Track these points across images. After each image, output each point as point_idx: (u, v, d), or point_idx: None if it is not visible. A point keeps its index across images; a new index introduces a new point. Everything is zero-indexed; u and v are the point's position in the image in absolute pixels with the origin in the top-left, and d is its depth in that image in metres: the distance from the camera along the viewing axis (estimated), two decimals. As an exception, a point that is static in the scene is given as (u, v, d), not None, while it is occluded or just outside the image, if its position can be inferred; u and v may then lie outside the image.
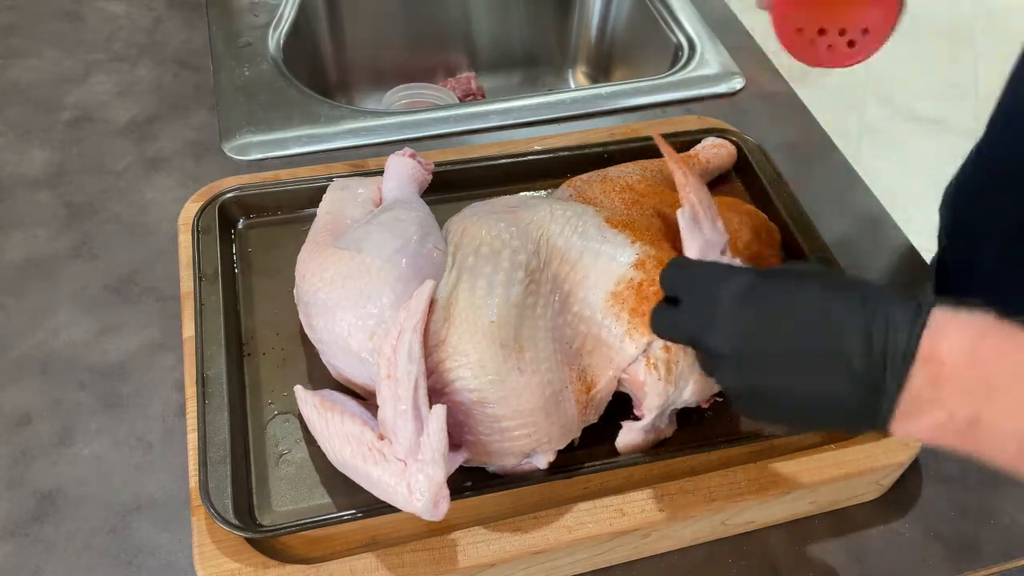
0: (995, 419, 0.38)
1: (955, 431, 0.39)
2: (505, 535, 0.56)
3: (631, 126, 0.87)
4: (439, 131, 0.88)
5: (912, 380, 0.40)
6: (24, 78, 0.93)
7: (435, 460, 0.49)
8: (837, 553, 0.61)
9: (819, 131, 0.93)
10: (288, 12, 1.02)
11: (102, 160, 0.84)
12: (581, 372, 0.58)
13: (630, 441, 0.58)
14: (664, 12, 1.06)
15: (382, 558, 0.54)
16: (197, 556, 0.54)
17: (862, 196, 0.86)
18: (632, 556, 0.60)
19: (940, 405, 0.39)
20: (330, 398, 0.56)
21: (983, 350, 0.39)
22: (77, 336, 0.70)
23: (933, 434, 0.40)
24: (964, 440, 0.39)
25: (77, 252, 0.76)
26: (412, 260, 0.58)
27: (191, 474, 0.58)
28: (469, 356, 0.54)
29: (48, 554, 0.58)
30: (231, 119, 0.88)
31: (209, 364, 0.62)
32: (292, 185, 0.75)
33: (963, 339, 0.39)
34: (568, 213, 0.62)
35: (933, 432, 0.40)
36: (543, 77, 1.27)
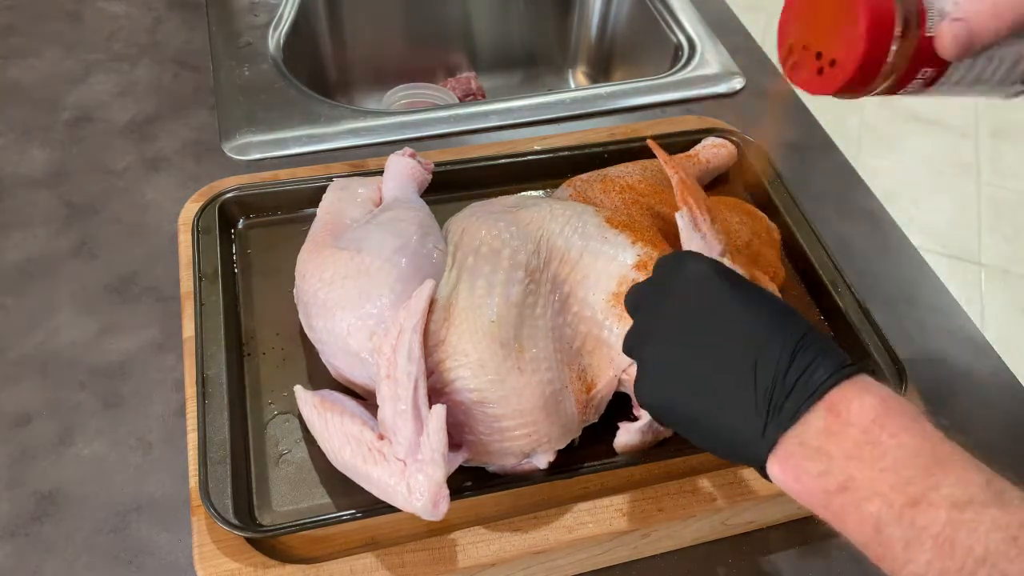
0: (863, 494, 0.36)
1: (824, 491, 0.38)
2: (505, 535, 0.56)
3: (631, 126, 0.87)
4: (439, 131, 0.88)
5: (808, 421, 0.38)
6: (24, 78, 0.93)
7: (435, 460, 0.49)
8: (837, 553, 0.61)
9: (819, 131, 0.93)
10: (288, 12, 1.02)
11: (102, 160, 0.84)
12: (581, 372, 0.58)
13: (628, 442, 0.58)
14: (664, 12, 1.06)
15: (382, 558, 0.54)
16: (197, 556, 0.55)
17: (862, 196, 0.86)
18: (632, 556, 0.60)
19: (822, 458, 0.37)
20: (330, 398, 0.56)
21: (886, 424, 0.37)
22: (77, 336, 0.70)
23: (804, 486, 0.38)
24: (829, 504, 0.38)
25: (77, 252, 0.76)
26: (412, 260, 0.58)
27: (191, 474, 0.58)
28: (469, 356, 0.54)
29: (48, 554, 0.58)
30: (231, 119, 0.88)
31: (209, 364, 0.62)
32: (292, 185, 0.75)
33: (873, 407, 0.37)
34: (568, 213, 0.62)
35: (804, 484, 0.38)
36: (543, 77, 1.27)
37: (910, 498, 0.35)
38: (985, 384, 0.71)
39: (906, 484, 0.35)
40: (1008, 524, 0.33)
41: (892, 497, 0.35)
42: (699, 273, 0.44)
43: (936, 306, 0.77)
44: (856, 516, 0.37)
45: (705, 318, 0.43)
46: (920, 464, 0.36)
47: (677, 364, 0.43)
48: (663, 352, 0.44)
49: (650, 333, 0.45)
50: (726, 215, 0.71)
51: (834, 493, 0.37)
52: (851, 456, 0.37)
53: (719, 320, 0.42)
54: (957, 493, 0.34)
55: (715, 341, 0.42)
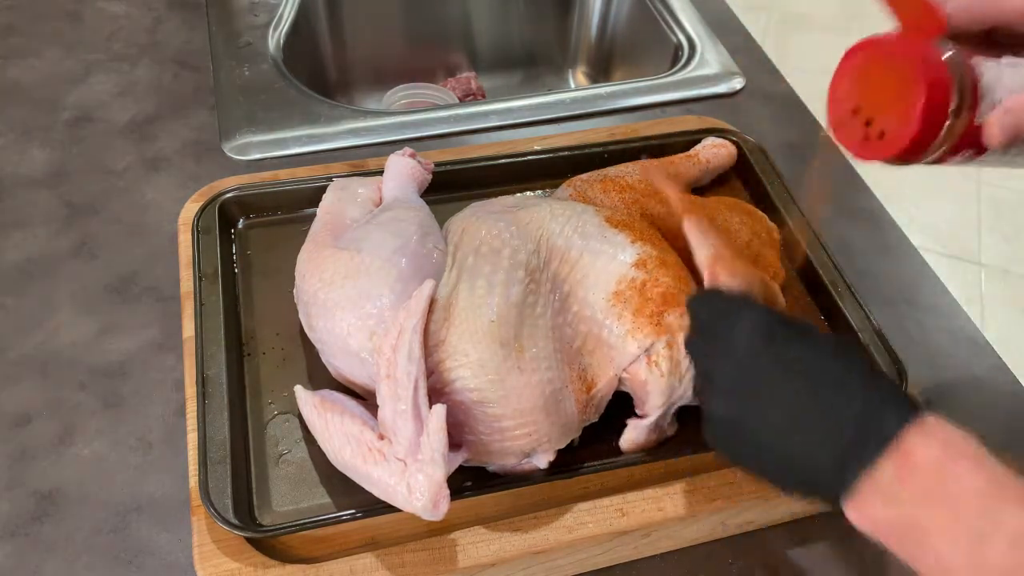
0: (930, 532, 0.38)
1: (899, 532, 0.40)
2: (505, 535, 0.56)
3: (631, 126, 0.87)
4: (439, 131, 0.88)
5: (881, 467, 0.40)
6: (24, 78, 0.93)
7: (435, 460, 0.49)
8: (837, 553, 0.61)
9: (819, 131, 0.93)
10: (288, 12, 1.02)
11: (102, 160, 0.84)
12: (581, 371, 0.58)
13: (635, 439, 0.58)
14: (664, 12, 1.06)
15: (382, 558, 0.54)
16: (197, 556, 0.55)
17: (862, 196, 0.86)
18: (632, 556, 0.60)
19: (895, 502, 0.40)
20: (330, 398, 0.56)
21: (950, 467, 0.39)
22: (77, 336, 0.70)
23: (879, 527, 0.41)
24: (903, 544, 0.40)
25: (77, 252, 0.76)
26: (412, 260, 0.58)
27: (191, 474, 0.58)
28: (469, 356, 0.54)
29: (48, 554, 0.58)
30: (231, 119, 0.88)
31: (209, 364, 0.62)
32: (292, 185, 0.75)
33: (939, 449, 0.39)
34: (568, 212, 0.62)
35: (880, 525, 0.41)
36: (543, 77, 1.27)
37: (974, 535, 0.37)
38: (985, 384, 0.71)
39: (970, 521, 0.37)
40: None
41: (958, 536, 0.37)
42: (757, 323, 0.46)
43: (936, 306, 0.77)
44: (925, 553, 0.39)
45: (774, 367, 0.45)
46: (983, 505, 0.38)
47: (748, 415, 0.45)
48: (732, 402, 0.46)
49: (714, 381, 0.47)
50: (726, 215, 0.71)
51: (904, 532, 0.40)
52: (919, 500, 0.39)
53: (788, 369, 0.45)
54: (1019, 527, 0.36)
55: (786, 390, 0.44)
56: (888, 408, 0.41)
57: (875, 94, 0.47)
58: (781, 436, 0.44)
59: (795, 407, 0.44)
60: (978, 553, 0.37)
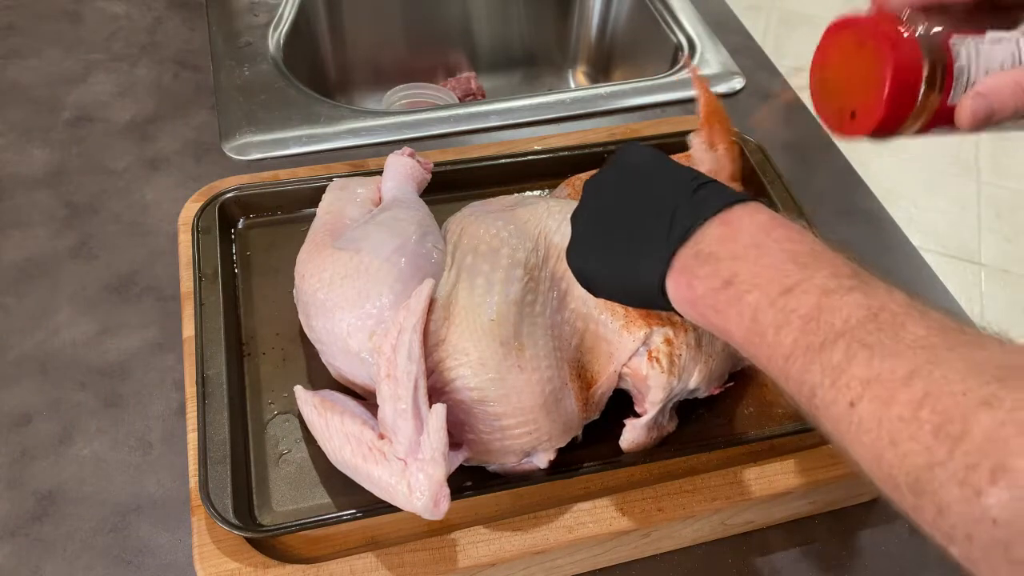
0: (744, 288, 0.39)
1: (711, 290, 0.40)
2: (505, 535, 0.56)
3: (631, 126, 0.87)
4: (439, 131, 0.88)
5: (702, 233, 0.41)
6: (24, 78, 0.93)
7: (435, 459, 0.49)
8: (837, 553, 0.61)
9: (819, 131, 0.93)
10: (288, 12, 1.02)
11: (102, 160, 0.84)
12: (581, 369, 0.58)
13: (634, 439, 0.58)
14: (664, 12, 1.06)
15: (382, 558, 0.54)
16: (197, 556, 0.54)
17: (862, 196, 0.86)
18: (632, 556, 0.60)
19: (712, 261, 0.40)
20: (330, 398, 0.56)
21: (772, 232, 0.40)
22: (77, 336, 0.70)
23: (694, 292, 0.41)
24: (715, 303, 0.40)
25: (77, 252, 0.76)
26: (411, 259, 0.58)
27: (191, 474, 0.58)
28: (469, 355, 0.54)
29: (48, 554, 0.58)
30: (231, 119, 0.88)
31: (209, 364, 0.62)
32: (292, 185, 0.75)
33: (763, 220, 0.40)
34: (566, 210, 0.62)
35: (695, 290, 0.41)
36: (543, 77, 1.27)
37: (785, 287, 0.37)
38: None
39: (784, 277, 0.38)
40: (869, 305, 0.35)
41: (769, 288, 0.38)
42: (630, 152, 0.49)
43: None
44: (737, 308, 0.39)
45: (624, 183, 0.47)
46: (799, 262, 0.38)
47: (596, 228, 0.48)
48: (588, 220, 0.49)
49: (583, 207, 0.50)
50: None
51: (719, 290, 0.40)
52: (737, 257, 0.40)
53: (634, 182, 0.47)
54: (828, 282, 0.37)
55: (628, 198, 0.46)
56: (716, 194, 0.42)
57: (849, 74, 0.47)
58: (617, 243, 0.45)
59: (631, 215, 0.45)
60: (785, 302, 0.37)
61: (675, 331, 0.56)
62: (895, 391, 0.32)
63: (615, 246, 0.46)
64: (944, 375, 0.31)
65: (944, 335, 0.33)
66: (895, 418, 0.31)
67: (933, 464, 0.30)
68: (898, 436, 0.31)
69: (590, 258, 0.49)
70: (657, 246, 0.43)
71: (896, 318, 0.34)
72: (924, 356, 0.32)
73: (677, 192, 0.44)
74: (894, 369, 0.32)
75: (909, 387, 0.31)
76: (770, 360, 0.37)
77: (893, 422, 0.31)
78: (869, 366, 0.33)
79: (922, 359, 0.32)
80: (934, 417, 0.30)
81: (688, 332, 0.57)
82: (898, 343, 0.33)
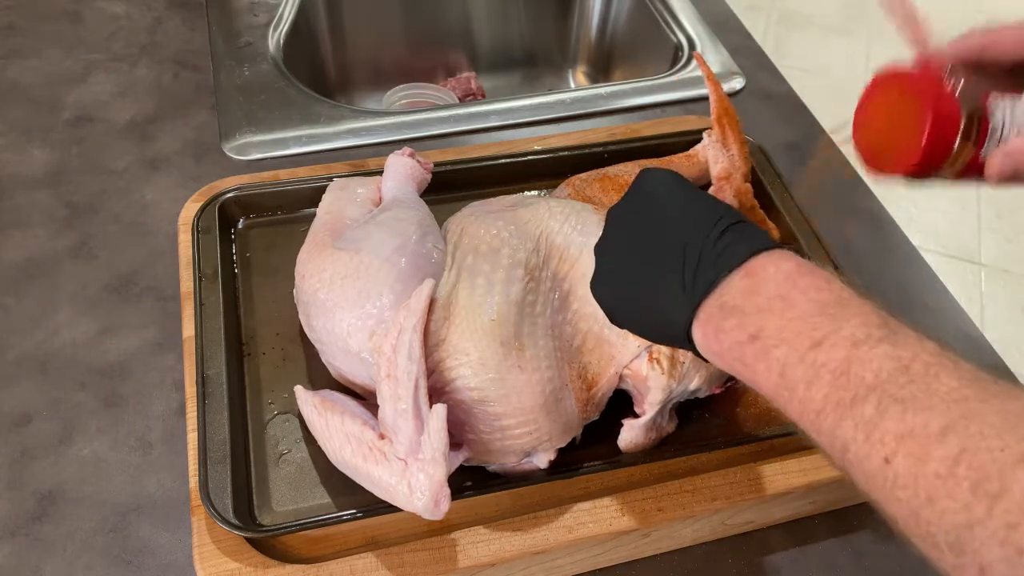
0: (772, 342, 0.38)
1: (738, 343, 0.39)
2: (505, 535, 0.56)
3: (631, 126, 0.87)
4: (439, 131, 0.88)
5: (728, 284, 0.40)
6: (24, 78, 0.93)
7: (435, 459, 0.49)
8: (837, 553, 0.61)
9: (819, 131, 0.93)
10: (288, 12, 1.02)
11: (102, 160, 0.84)
12: (582, 370, 0.58)
13: (632, 439, 0.58)
14: (664, 12, 1.06)
15: (382, 558, 0.54)
16: (197, 556, 0.54)
17: (862, 196, 0.86)
18: (632, 556, 0.60)
19: (738, 314, 0.39)
20: (330, 398, 0.56)
21: (798, 282, 0.39)
22: (77, 336, 0.70)
23: (720, 344, 0.40)
24: (742, 356, 0.39)
25: (77, 252, 0.76)
26: (411, 259, 0.58)
27: (191, 474, 0.58)
28: (469, 354, 0.54)
29: (48, 554, 0.58)
30: (231, 119, 0.88)
31: (209, 364, 0.62)
32: (292, 185, 0.75)
33: (788, 270, 0.39)
34: (567, 211, 0.62)
35: (721, 341, 0.40)
36: (543, 77, 1.27)
37: (813, 341, 0.37)
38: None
39: (811, 330, 0.37)
40: (900, 356, 0.35)
41: (797, 342, 0.37)
42: (653, 181, 0.48)
43: (936, 306, 0.77)
44: (765, 363, 0.38)
45: (648, 216, 0.46)
46: (826, 312, 0.38)
47: (621, 260, 0.47)
48: (611, 252, 0.48)
49: (606, 235, 0.49)
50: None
51: (746, 344, 0.39)
52: (763, 309, 0.39)
53: (658, 215, 0.46)
54: (857, 333, 0.36)
55: (653, 234, 0.45)
56: (743, 240, 0.42)
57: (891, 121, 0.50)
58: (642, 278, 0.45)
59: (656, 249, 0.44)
60: (814, 357, 0.36)
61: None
62: (930, 447, 0.31)
63: (639, 284, 0.45)
64: (980, 430, 0.30)
65: (977, 387, 0.33)
66: (931, 475, 0.31)
67: (973, 523, 0.29)
68: (935, 493, 0.31)
69: (614, 293, 0.48)
70: (680, 294, 0.42)
71: (928, 369, 0.34)
72: (958, 410, 0.32)
73: (700, 234, 0.43)
74: (928, 423, 0.32)
75: (944, 443, 0.31)
76: (801, 415, 0.37)
77: (929, 479, 0.31)
78: (902, 421, 0.32)
79: (956, 413, 0.31)
80: (971, 474, 0.30)
81: None
82: (931, 396, 0.32)
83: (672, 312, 0.43)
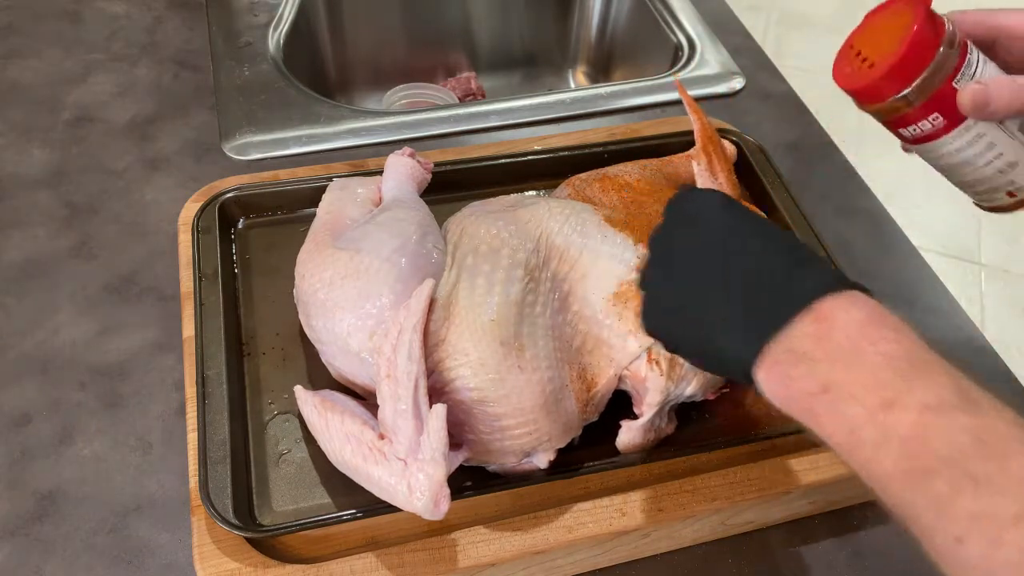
0: (840, 396, 0.37)
1: (807, 394, 0.38)
2: (505, 535, 0.56)
3: (631, 126, 0.87)
4: (439, 131, 0.88)
5: (796, 328, 0.39)
6: (24, 78, 0.93)
7: (435, 459, 0.49)
8: (837, 553, 0.61)
9: (819, 131, 0.93)
10: (288, 12, 1.02)
11: (102, 160, 0.84)
12: (581, 370, 0.58)
13: (630, 440, 0.58)
14: (664, 12, 1.06)
15: (382, 558, 0.54)
16: (197, 556, 0.54)
17: (862, 196, 0.86)
18: (632, 556, 0.60)
19: (807, 362, 0.38)
20: (330, 398, 0.56)
21: (869, 333, 0.38)
22: (77, 336, 0.70)
23: (788, 391, 0.39)
24: (811, 407, 0.38)
25: (77, 252, 0.76)
26: (411, 259, 0.58)
27: (191, 474, 0.58)
28: (469, 355, 0.54)
29: (48, 554, 0.58)
30: (231, 119, 0.88)
31: (209, 364, 0.62)
32: (292, 185, 0.75)
33: (859, 319, 0.38)
34: (567, 211, 0.62)
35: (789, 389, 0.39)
36: (543, 77, 1.27)
37: (884, 401, 0.36)
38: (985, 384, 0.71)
39: (882, 388, 0.36)
40: (975, 427, 0.34)
41: (867, 400, 0.36)
42: (703, 202, 0.46)
43: (936, 306, 0.77)
44: (833, 418, 0.37)
45: (704, 241, 0.44)
46: (897, 370, 0.36)
47: (677, 288, 0.45)
48: (661, 283, 0.46)
49: (656, 264, 0.47)
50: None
51: (816, 395, 0.38)
52: (833, 359, 0.38)
53: (712, 243, 0.44)
54: (929, 397, 0.35)
55: (712, 262, 0.43)
56: (812, 276, 0.40)
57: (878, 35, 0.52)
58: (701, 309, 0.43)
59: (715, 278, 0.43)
60: (884, 419, 0.35)
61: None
62: (1003, 531, 0.31)
63: (695, 318, 0.43)
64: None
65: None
66: (1003, 560, 0.31)
67: None
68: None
69: (674, 328, 0.46)
70: (744, 331, 0.41)
71: (1004, 445, 0.33)
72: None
73: (764, 267, 0.41)
74: (1003, 507, 0.31)
75: (1018, 528, 0.31)
76: (869, 475, 0.36)
77: (1001, 564, 0.31)
78: (976, 501, 0.32)
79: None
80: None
81: None
82: (1007, 477, 0.32)
83: (735, 350, 0.41)
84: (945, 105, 0.50)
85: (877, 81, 0.50)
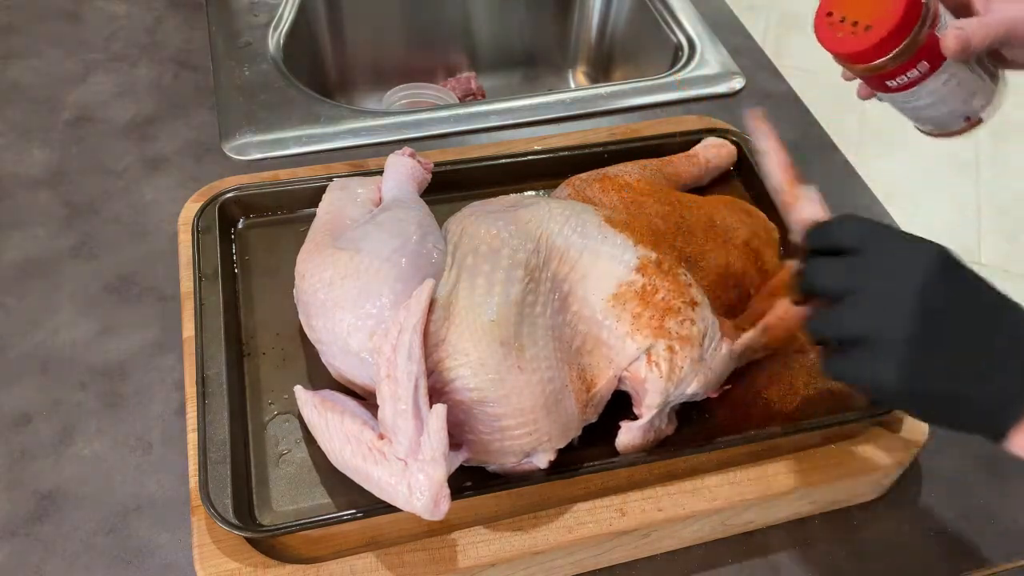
0: None
1: None
2: (505, 535, 0.56)
3: (631, 126, 0.87)
4: (439, 131, 0.88)
5: None
6: (24, 78, 0.93)
7: (435, 459, 0.49)
8: (837, 553, 0.61)
9: (819, 131, 0.93)
10: (288, 12, 1.02)
11: (102, 160, 0.84)
12: (581, 371, 0.58)
13: (629, 441, 0.58)
14: (664, 12, 1.06)
15: (382, 558, 0.54)
16: (197, 556, 0.54)
17: (862, 196, 0.86)
18: (632, 556, 0.60)
19: None
20: (330, 398, 0.56)
21: None
22: (77, 336, 0.70)
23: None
24: None
25: (77, 252, 0.76)
26: (411, 259, 0.58)
27: (191, 474, 0.58)
28: (469, 355, 0.54)
29: (48, 554, 0.58)
30: (231, 119, 0.88)
31: (209, 364, 0.62)
32: (292, 185, 0.75)
33: None
34: (567, 212, 0.62)
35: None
36: (543, 77, 1.27)
37: None
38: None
39: None
40: None
41: None
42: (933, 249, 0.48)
43: (936, 306, 0.77)
44: None
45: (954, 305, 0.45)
46: None
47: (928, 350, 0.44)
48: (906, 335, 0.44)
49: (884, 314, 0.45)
50: (725, 214, 0.71)
51: None
52: None
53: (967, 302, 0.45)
54: None
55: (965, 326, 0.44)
56: None
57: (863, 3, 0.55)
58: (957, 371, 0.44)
59: (972, 340, 0.44)
60: None
61: (680, 344, 0.56)
62: None
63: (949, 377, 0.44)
64: None
65: None
66: None
67: None
68: None
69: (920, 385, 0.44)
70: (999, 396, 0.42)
71: None
72: None
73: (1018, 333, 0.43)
74: None
75: None
76: None
77: None
78: None
79: None
80: None
81: (693, 347, 0.57)
82: None
83: (989, 409, 0.43)
84: (932, 52, 0.55)
85: (880, 42, 0.54)
